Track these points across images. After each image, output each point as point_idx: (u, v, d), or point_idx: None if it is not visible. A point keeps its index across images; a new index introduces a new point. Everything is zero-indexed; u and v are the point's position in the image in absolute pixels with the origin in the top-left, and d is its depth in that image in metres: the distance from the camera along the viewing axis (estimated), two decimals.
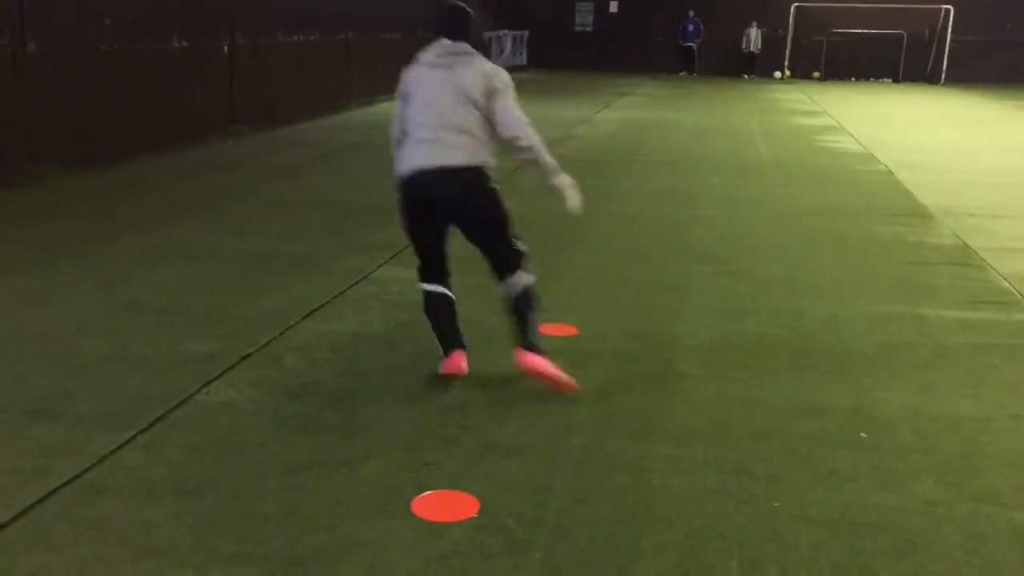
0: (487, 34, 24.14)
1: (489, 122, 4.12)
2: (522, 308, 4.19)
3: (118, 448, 3.44)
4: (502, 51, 25.70)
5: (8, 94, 8.30)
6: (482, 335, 4.80)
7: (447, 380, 4.17)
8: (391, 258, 6.25)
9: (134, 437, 3.53)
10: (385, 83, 16.68)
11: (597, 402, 4.03)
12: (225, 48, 11.83)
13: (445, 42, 4.22)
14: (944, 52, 26.57)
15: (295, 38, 13.72)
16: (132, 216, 7.34)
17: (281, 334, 4.72)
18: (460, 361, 4.23)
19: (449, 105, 4.08)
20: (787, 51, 27.59)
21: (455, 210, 4.18)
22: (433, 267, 4.34)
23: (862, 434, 3.78)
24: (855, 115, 17.08)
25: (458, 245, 4.33)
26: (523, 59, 28.01)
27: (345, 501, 3.13)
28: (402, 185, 4.27)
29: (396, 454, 3.48)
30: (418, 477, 3.32)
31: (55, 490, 3.12)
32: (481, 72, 4.13)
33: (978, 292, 5.87)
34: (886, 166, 10.95)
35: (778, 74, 27.53)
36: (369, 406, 3.90)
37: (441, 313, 4.30)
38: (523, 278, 4.24)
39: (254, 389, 4.04)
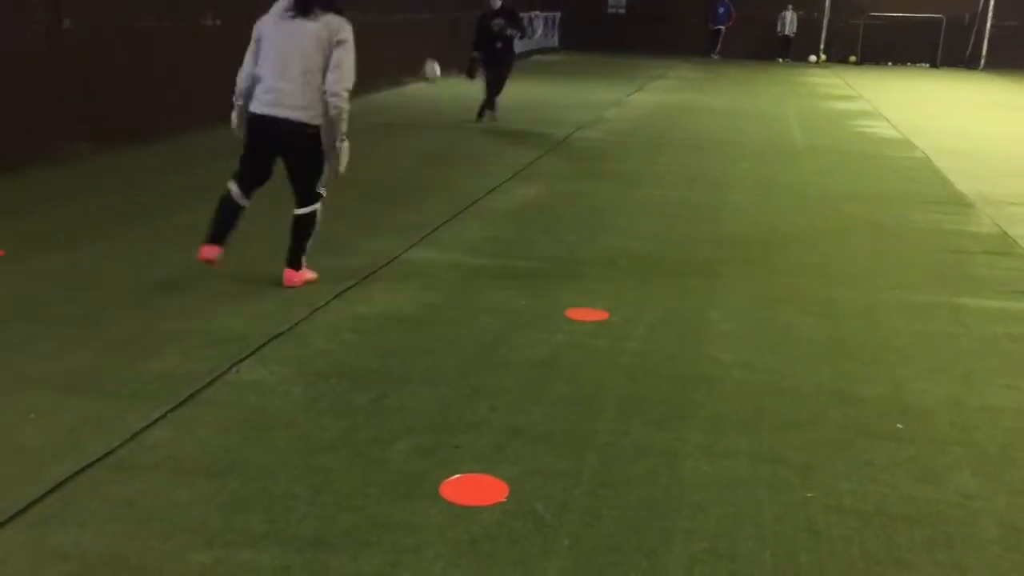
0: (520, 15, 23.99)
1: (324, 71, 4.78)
2: (295, 231, 5.10)
3: (149, 426, 3.45)
4: (534, 32, 25.54)
5: (43, 71, 8.35)
6: (509, 320, 4.78)
7: (202, 262, 5.01)
8: (422, 239, 6.23)
9: (165, 415, 3.54)
10: (416, 64, 16.66)
11: (627, 387, 3.99)
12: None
13: None
14: (984, 37, 26.10)
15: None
16: (165, 194, 7.37)
17: (311, 314, 4.72)
18: (212, 252, 5.01)
19: (292, 57, 4.76)
20: (823, 35, 27.23)
21: (282, 151, 5.00)
22: (247, 181, 5.11)
23: (898, 424, 3.72)
24: (892, 100, 16.83)
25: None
26: (555, 41, 27.85)
27: (374, 483, 3.12)
28: (248, 122, 5.00)
29: (425, 436, 3.47)
30: (447, 460, 3.30)
31: (86, 467, 3.14)
32: (326, 25, 4.75)
33: (1017, 281, 5.76)
34: (924, 152, 10.77)
35: (813, 58, 27.19)
36: (398, 388, 3.88)
37: (227, 213, 5.07)
38: (307, 209, 5.07)
39: (283, 368, 4.04)
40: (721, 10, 26.82)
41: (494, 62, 12.55)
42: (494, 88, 12.53)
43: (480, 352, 4.32)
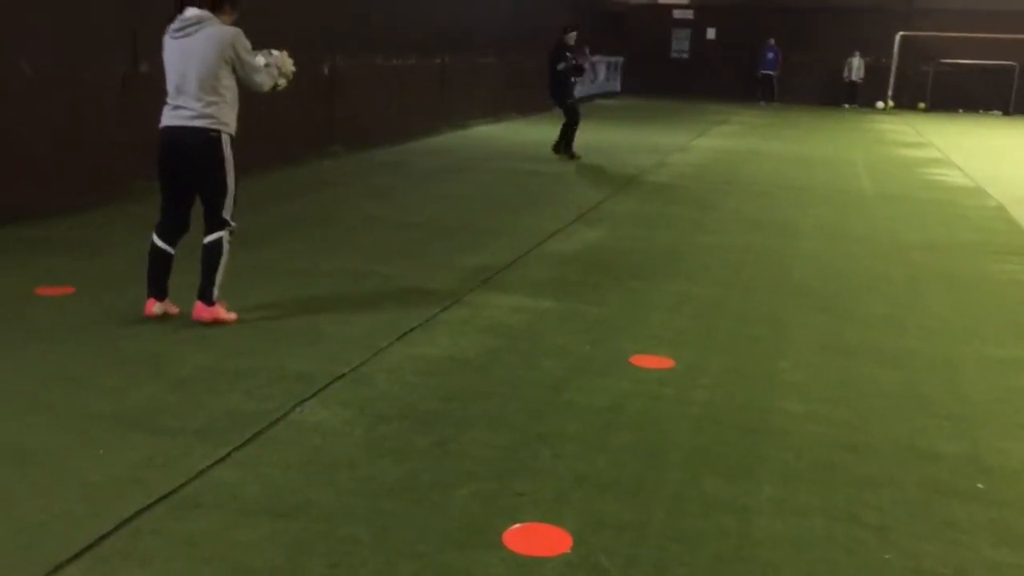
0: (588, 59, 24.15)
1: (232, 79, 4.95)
2: (204, 261, 5.09)
3: (214, 464, 3.45)
4: (596, 76, 25.68)
5: (119, 112, 8.59)
6: (573, 365, 4.73)
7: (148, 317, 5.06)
8: (484, 282, 6.22)
9: (229, 454, 3.54)
10: (479, 106, 16.90)
11: (694, 437, 3.90)
12: (326, 70, 12.07)
13: (187, 12, 4.91)
14: None
15: (393, 62, 13.93)
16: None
17: (374, 355, 4.72)
18: (152, 306, 5.08)
19: (188, 70, 4.89)
20: (891, 81, 26.90)
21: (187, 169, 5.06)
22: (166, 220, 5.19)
23: (979, 484, 3.56)
24: (963, 148, 16.50)
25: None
26: (617, 85, 27.96)
27: (435, 529, 3.07)
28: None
29: (487, 482, 3.41)
30: (510, 507, 3.24)
31: (151, 504, 3.14)
32: (217, 38, 4.86)
33: None
34: (998, 202, 10.50)
35: (881, 104, 26.86)
36: (460, 432, 3.84)
37: (157, 259, 5.15)
38: (212, 236, 5.08)
39: (346, 410, 4.03)
40: (770, 55, 26.68)
41: (564, 95, 12.76)
42: (572, 126, 12.96)
43: (543, 397, 4.27)
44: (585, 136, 16.52)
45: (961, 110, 26.37)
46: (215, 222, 5.10)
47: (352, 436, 3.77)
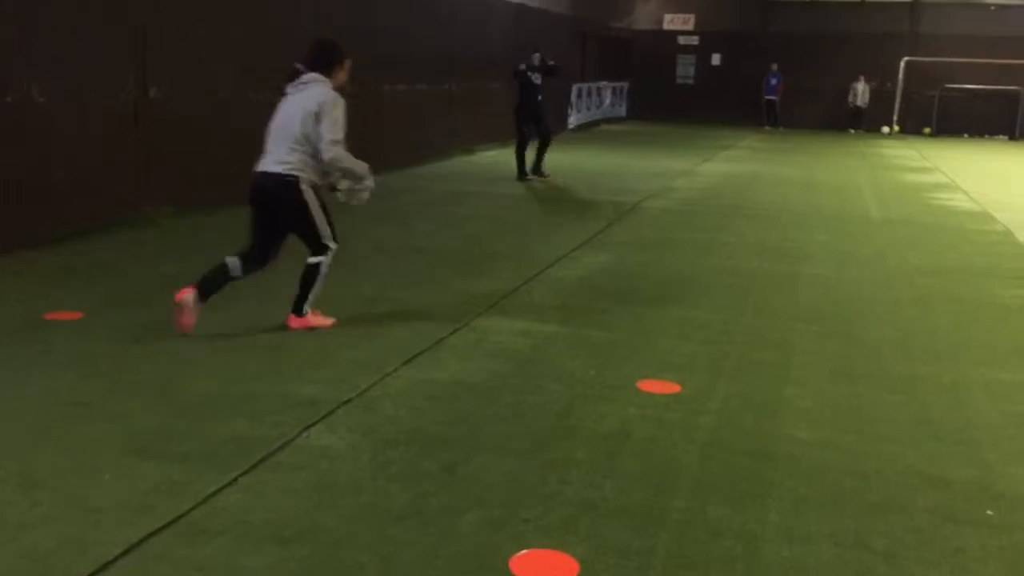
0: (587, 85, 24.31)
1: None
2: (301, 280, 5.53)
3: (220, 490, 3.45)
4: (601, 102, 25.81)
5: (129, 138, 8.66)
6: (579, 391, 4.72)
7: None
8: (491, 307, 6.23)
9: (236, 479, 3.54)
10: (487, 132, 16.98)
11: (701, 463, 3.89)
12: None
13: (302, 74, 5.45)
14: None
15: (401, 87, 14.02)
16: None
17: (381, 380, 4.72)
18: (184, 294, 5.31)
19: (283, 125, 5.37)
20: (896, 106, 26.97)
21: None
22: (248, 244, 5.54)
23: (989, 511, 3.54)
24: (969, 173, 16.51)
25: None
26: (622, 111, 28.08)
27: (443, 555, 3.07)
28: None
29: (494, 508, 3.40)
30: (517, 533, 3.23)
31: (158, 530, 3.14)
32: (314, 97, 5.32)
33: None
34: (1004, 226, 10.50)
35: (886, 129, 26.92)
36: (467, 457, 3.84)
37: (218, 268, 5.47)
38: (313, 259, 5.50)
39: (353, 435, 4.03)
40: (773, 81, 26.81)
41: (540, 118, 12.96)
42: (546, 144, 13.14)
43: (550, 423, 4.26)
44: (590, 161, 16.58)
45: (967, 135, 26.40)
46: (315, 248, 5.52)
47: (359, 461, 3.77)
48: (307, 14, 11.34)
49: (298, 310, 5.55)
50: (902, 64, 26.62)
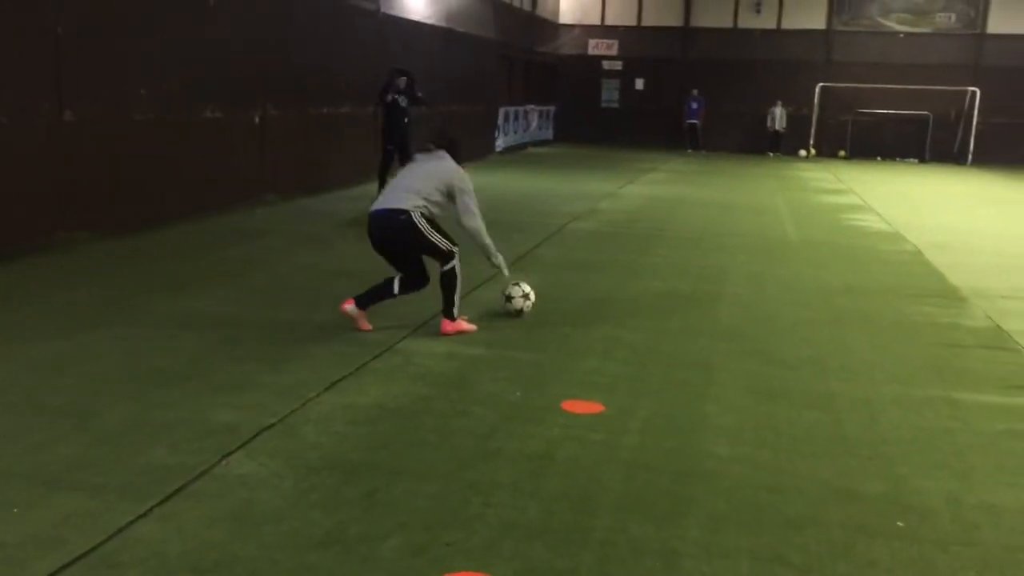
0: (514, 108, 24.50)
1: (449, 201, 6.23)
2: (441, 288, 6.15)
3: (135, 520, 3.37)
4: (528, 125, 26.03)
5: (43, 161, 8.44)
6: (504, 413, 4.73)
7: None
8: (416, 330, 6.21)
9: (151, 509, 3.46)
10: (413, 154, 16.92)
11: (624, 483, 3.93)
12: (257, 119, 12.03)
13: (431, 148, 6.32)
14: (971, 133, 26.63)
15: (324, 110, 13.95)
16: (159, 283, 7.36)
17: (303, 405, 4.67)
18: (347, 304, 6.11)
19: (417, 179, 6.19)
20: (812, 130, 27.77)
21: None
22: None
23: (899, 523, 3.65)
24: (882, 194, 17.06)
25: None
26: (549, 134, 28.36)
27: None
28: None
29: (417, 533, 3.39)
30: (439, 557, 3.22)
31: (69, 563, 3.05)
32: (445, 170, 6.22)
33: (1014, 376, 5.74)
34: (915, 246, 10.87)
35: (803, 152, 27.67)
36: (390, 482, 3.81)
37: (383, 283, 6.19)
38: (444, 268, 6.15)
39: (273, 461, 3.97)
40: (695, 105, 27.41)
41: (404, 140, 13.09)
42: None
43: (474, 445, 4.26)
44: (516, 183, 16.69)
45: (879, 158, 27.29)
46: (441, 259, 6.17)
47: (279, 488, 3.71)
48: (231, 34, 11.22)
49: (447, 313, 6.16)
50: (817, 90, 27.45)
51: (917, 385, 5.49)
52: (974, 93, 26.35)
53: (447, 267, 6.12)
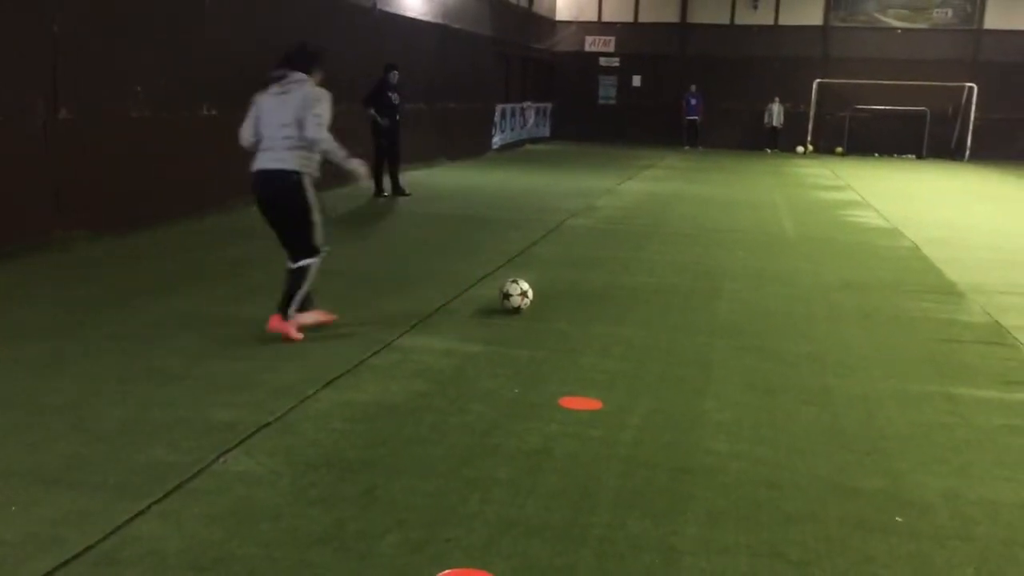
0: (511, 105, 24.50)
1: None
2: (290, 279, 5.74)
3: (133, 518, 3.37)
4: (525, 122, 26.02)
5: (39, 160, 8.43)
6: (502, 409, 4.73)
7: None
8: (412, 327, 6.21)
9: (149, 507, 3.46)
10: (408, 152, 16.95)
11: (622, 479, 3.93)
12: None
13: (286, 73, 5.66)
14: (968, 129, 26.65)
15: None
16: (156, 282, 7.36)
17: (300, 403, 4.66)
18: (273, 321, 5.75)
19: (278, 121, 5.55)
20: (809, 126, 27.78)
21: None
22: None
23: (897, 518, 3.65)
24: (879, 190, 17.07)
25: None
26: (546, 131, 28.36)
27: None
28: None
29: (415, 530, 3.39)
30: (438, 554, 3.22)
31: (67, 561, 3.05)
32: (310, 96, 5.54)
33: (1013, 372, 5.74)
34: (912, 242, 10.87)
35: (801, 149, 27.68)
36: (388, 479, 3.81)
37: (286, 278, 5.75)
38: (300, 261, 5.70)
39: (272, 459, 3.97)
40: (693, 101, 27.40)
41: (393, 135, 13.20)
42: (397, 164, 13.53)
43: (472, 442, 4.26)
44: (514, 180, 16.69)
45: (877, 154, 27.31)
46: (306, 249, 5.73)
47: (278, 486, 3.71)
48: (227, 32, 11.20)
49: (283, 312, 5.75)
50: (814, 86, 27.46)
51: (915, 381, 5.49)
52: (971, 89, 26.38)
53: (307, 262, 5.73)
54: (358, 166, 5.76)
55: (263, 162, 5.61)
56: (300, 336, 5.75)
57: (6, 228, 8.02)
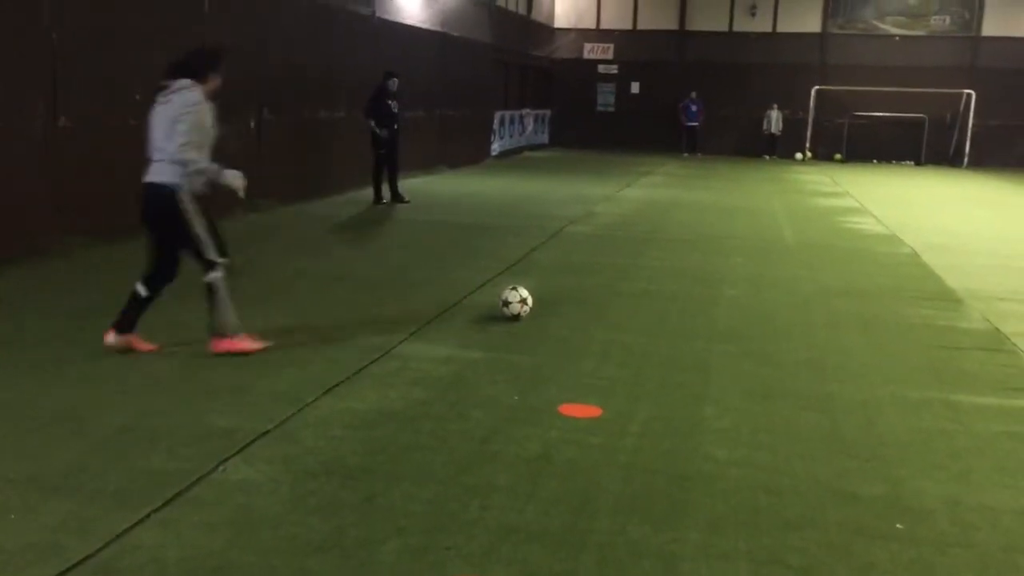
0: (509, 112, 24.53)
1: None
2: (207, 299, 5.46)
3: (132, 527, 3.36)
4: (524, 129, 26.06)
5: (38, 168, 8.43)
6: (501, 416, 4.73)
7: None
8: (412, 334, 6.20)
9: (149, 515, 3.45)
10: (409, 159, 16.99)
11: (622, 485, 3.92)
12: (252, 124, 12.03)
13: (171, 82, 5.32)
14: (966, 136, 26.69)
15: (320, 115, 13.95)
16: None
17: (300, 410, 4.66)
18: (108, 336, 5.47)
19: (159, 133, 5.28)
20: (808, 133, 27.81)
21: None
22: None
23: (898, 524, 3.65)
24: (878, 197, 17.09)
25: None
26: (545, 138, 28.39)
27: None
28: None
29: (415, 537, 3.38)
30: (438, 562, 3.21)
31: (67, 570, 3.04)
32: (180, 103, 5.23)
33: (1012, 379, 5.74)
34: (912, 248, 10.88)
35: (799, 155, 27.71)
36: (388, 486, 3.81)
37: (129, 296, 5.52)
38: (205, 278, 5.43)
39: (271, 467, 3.96)
40: (694, 108, 27.45)
41: (393, 144, 13.20)
42: (396, 171, 13.49)
43: (472, 449, 4.26)
44: (514, 187, 16.70)
45: (875, 161, 27.34)
46: (203, 264, 5.43)
47: (277, 493, 3.71)
48: (226, 39, 11.21)
49: (217, 332, 5.52)
50: (813, 93, 27.50)
51: (915, 387, 5.49)
52: (969, 95, 26.42)
53: (210, 277, 5.42)
54: (233, 178, 5.45)
55: (145, 175, 5.37)
56: (256, 345, 5.58)
57: (6, 234, 8.02)
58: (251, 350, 5.55)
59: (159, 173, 5.29)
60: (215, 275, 5.41)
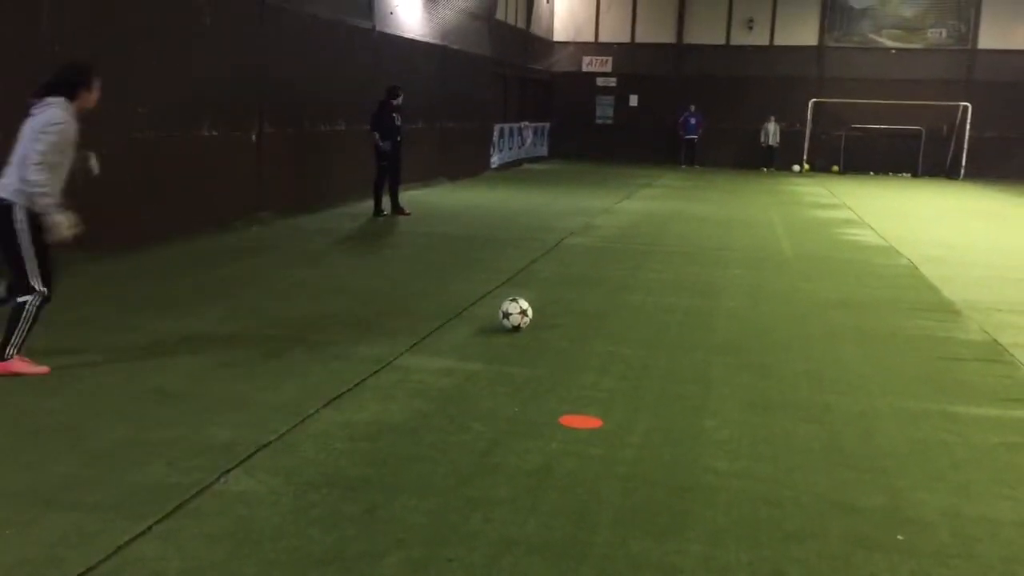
0: (509, 125, 24.60)
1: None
2: (9, 317, 5.22)
3: (133, 539, 3.36)
4: (523, 141, 26.13)
5: None
6: (502, 428, 4.74)
7: None
8: (413, 346, 6.21)
9: (150, 528, 3.45)
10: (409, 171, 17.06)
11: (623, 497, 3.93)
12: (253, 137, 12.06)
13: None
14: (963, 148, 26.77)
15: (321, 128, 13.99)
16: (155, 302, 7.37)
17: (301, 422, 4.66)
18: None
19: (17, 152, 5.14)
20: (805, 145, 27.89)
21: None
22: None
23: (899, 536, 3.65)
24: (875, 209, 17.13)
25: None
26: (544, 150, 28.46)
27: None
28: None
29: (416, 549, 3.38)
30: (439, 573, 3.21)
31: None
32: (42, 119, 5.10)
33: (1010, 389, 5.75)
34: (909, 260, 10.91)
35: (797, 167, 27.78)
36: (389, 498, 3.81)
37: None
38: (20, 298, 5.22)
39: (272, 479, 3.97)
40: (693, 120, 27.55)
41: (396, 156, 13.33)
42: (398, 184, 13.58)
43: (473, 461, 4.26)
44: (513, 199, 16.73)
45: (872, 173, 27.41)
46: (22, 285, 5.23)
47: (279, 505, 3.71)
48: (227, 52, 11.26)
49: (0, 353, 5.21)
50: (810, 105, 27.60)
51: (913, 398, 5.50)
52: (966, 108, 26.52)
53: (23, 299, 5.20)
54: (60, 222, 5.15)
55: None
56: (37, 369, 5.28)
57: None
58: (35, 373, 5.25)
59: (3, 187, 5.14)
60: (30, 299, 5.20)
